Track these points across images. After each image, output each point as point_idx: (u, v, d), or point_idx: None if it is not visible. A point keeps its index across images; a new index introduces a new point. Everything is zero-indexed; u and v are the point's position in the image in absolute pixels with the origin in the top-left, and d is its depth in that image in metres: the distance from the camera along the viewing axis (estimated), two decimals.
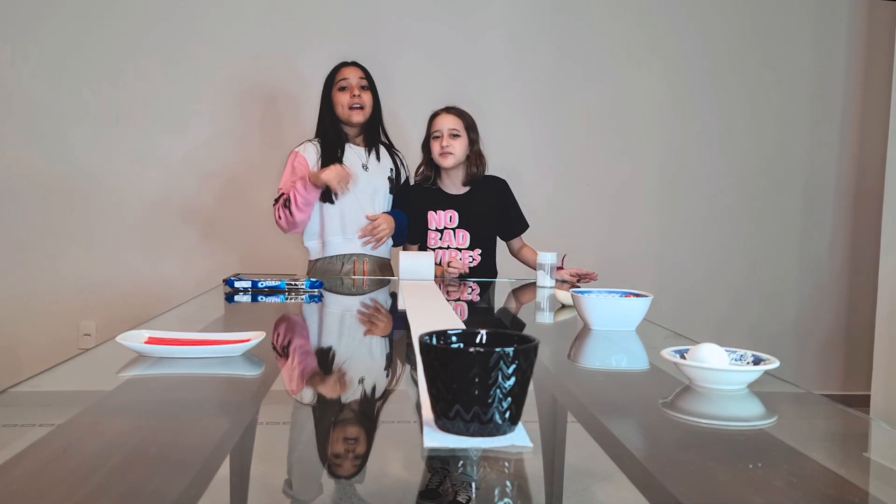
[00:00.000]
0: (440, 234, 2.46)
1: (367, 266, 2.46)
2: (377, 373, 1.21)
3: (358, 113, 2.41)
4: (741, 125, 3.59)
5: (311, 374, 1.18)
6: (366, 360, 1.31)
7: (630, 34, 3.51)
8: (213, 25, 3.28)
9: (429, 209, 2.47)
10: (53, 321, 3.24)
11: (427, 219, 2.47)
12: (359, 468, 0.78)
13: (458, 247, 2.46)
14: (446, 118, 2.43)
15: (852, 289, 3.68)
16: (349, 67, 2.45)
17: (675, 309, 3.44)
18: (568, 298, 1.74)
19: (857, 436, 0.97)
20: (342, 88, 2.41)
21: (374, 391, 1.08)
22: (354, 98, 2.39)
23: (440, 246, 2.47)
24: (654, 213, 3.58)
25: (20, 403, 0.94)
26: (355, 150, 2.47)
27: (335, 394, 1.05)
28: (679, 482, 0.70)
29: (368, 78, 2.46)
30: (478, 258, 2.47)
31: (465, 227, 2.46)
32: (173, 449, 0.76)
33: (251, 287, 1.97)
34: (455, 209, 2.46)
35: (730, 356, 1.03)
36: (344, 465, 0.79)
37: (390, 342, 1.48)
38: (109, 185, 3.26)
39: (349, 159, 2.43)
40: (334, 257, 2.46)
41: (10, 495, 0.62)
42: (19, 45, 3.20)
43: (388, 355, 1.38)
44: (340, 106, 2.41)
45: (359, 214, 2.43)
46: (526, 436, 0.76)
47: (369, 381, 1.13)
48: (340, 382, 1.11)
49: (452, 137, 2.40)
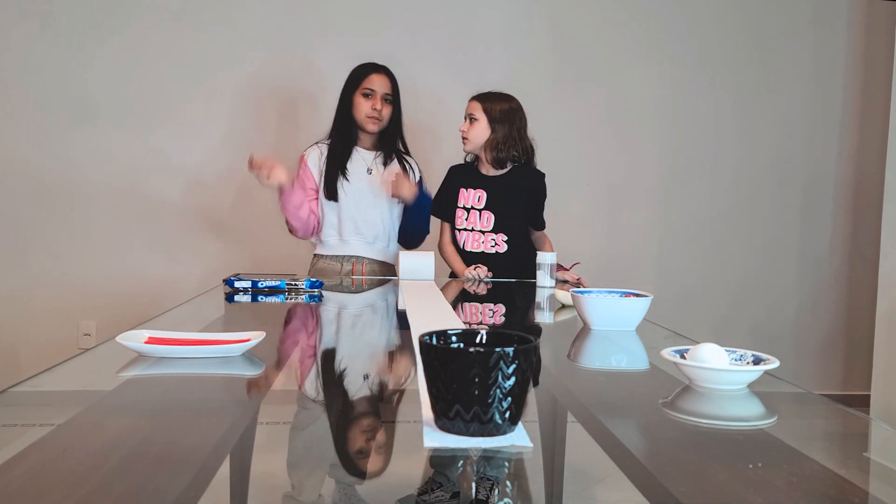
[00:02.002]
0: (466, 214, 2.47)
1: (367, 268, 2.46)
2: (380, 371, 1.21)
3: (375, 123, 2.40)
4: (741, 125, 3.59)
5: (313, 374, 1.18)
6: (366, 359, 1.31)
7: (628, 35, 3.51)
8: (222, 24, 3.28)
9: (461, 186, 2.49)
10: (53, 321, 3.24)
11: (458, 195, 2.49)
12: (385, 463, 0.79)
13: (482, 229, 2.45)
14: (468, 104, 2.47)
15: (852, 289, 3.68)
16: (378, 75, 2.41)
17: (674, 309, 3.43)
18: (568, 298, 1.74)
19: (857, 436, 0.97)
20: (366, 95, 2.39)
21: (380, 389, 1.08)
22: (375, 110, 2.39)
23: (465, 227, 2.47)
24: (653, 213, 3.58)
25: (20, 403, 0.94)
26: (362, 153, 2.46)
27: (341, 393, 1.05)
28: (679, 482, 0.70)
29: (395, 89, 2.43)
30: (502, 244, 2.44)
31: (490, 209, 2.45)
32: (173, 449, 0.76)
33: (251, 287, 1.97)
34: (484, 189, 2.46)
35: (730, 356, 1.03)
36: (365, 461, 0.79)
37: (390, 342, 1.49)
38: (109, 184, 3.26)
39: (355, 163, 2.43)
40: (333, 257, 2.46)
41: (10, 495, 0.62)
42: (21, 45, 3.20)
43: (391, 354, 1.38)
44: (358, 110, 2.40)
45: (357, 218, 2.42)
46: (526, 436, 0.76)
47: (373, 380, 1.13)
48: (343, 380, 1.11)
49: (470, 122, 2.43)
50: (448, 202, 2.52)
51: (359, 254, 2.44)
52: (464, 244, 2.46)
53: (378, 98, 2.39)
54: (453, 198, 2.50)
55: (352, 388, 1.09)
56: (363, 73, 2.41)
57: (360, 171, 2.43)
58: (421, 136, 3.03)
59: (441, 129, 3.33)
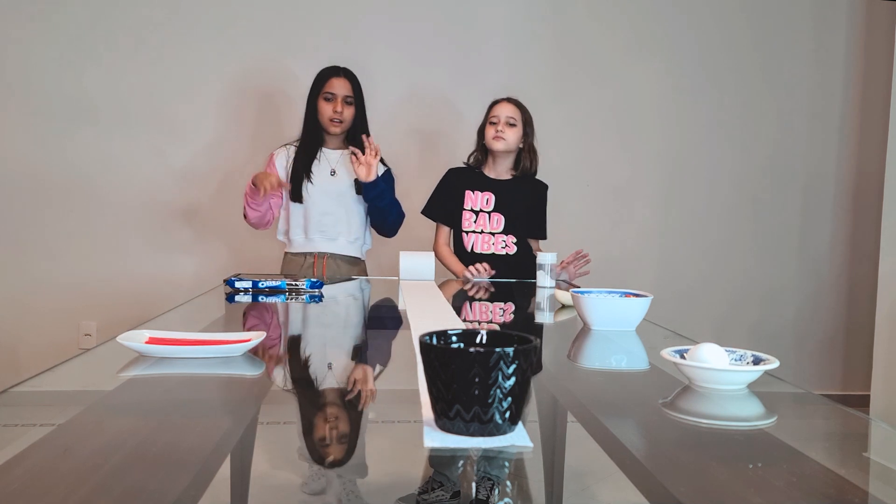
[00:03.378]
0: (475, 217, 2.49)
1: (329, 262, 2.52)
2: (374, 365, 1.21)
3: (337, 126, 2.48)
4: (740, 125, 3.59)
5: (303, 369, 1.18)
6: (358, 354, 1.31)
7: (629, 34, 3.51)
8: (212, 26, 3.28)
9: (466, 188, 2.51)
10: (53, 321, 3.24)
11: (464, 198, 2.50)
12: (346, 453, 0.79)
13: (492, 231, 2.48)
14: (506, 106, 2.48)
15: (852, 289, 3.68)
16: (338, 79, 2.48)
17: (674, 309, 3.43)
18: (568, 298, 1.74)
19: (857, 436, 0.97)
20: (327, 99, 2.47)
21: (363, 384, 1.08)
22: (336, 113, 2.46)
23: (473, 229, 2.48)
24: (653, 213, 3.58)
25: (20, 403, 0.94)
26: (328, 154, 2.54)
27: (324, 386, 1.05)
28: (679, 482, 0.71)
29: (356, 91, 2.50)
30: (512, 246, 2.48)
31: (500, 211, 2.48)
32: (173, 449, 0.76)
33: (251, 287, 1.97)
34: (493, 192, 2.49)
35: (729, 356, 1.03)
36: (330, 449, 0.79)
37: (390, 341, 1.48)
38: (109, 184, 3.26)
39: (321, 164, 2.51)
40: (298, 254, 2.55)
41: (10, 495, 0.62)
42: (20, 45, 3.20)
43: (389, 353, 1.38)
44: (321, 114, 2.49)
45: (320, 218, 2.49)
46: (526, 436, 0.76)
47: (342, 373, 1.13)
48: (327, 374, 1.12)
49: (508, 126, 2.45)
50: (445, 204, 2.52)
51: (321, 250, 2.52)
52: (472, 246, 2.47)
53: (339, 101, 2.46)
54: (453, 200, 2.51)
55: (333, 378, 1.09)
56: (323, 77, 2.50)
57: (324, 173, 2.51)
58: (422, 137, 3.03)
59: (441, 131, 3.33)
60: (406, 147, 3.21)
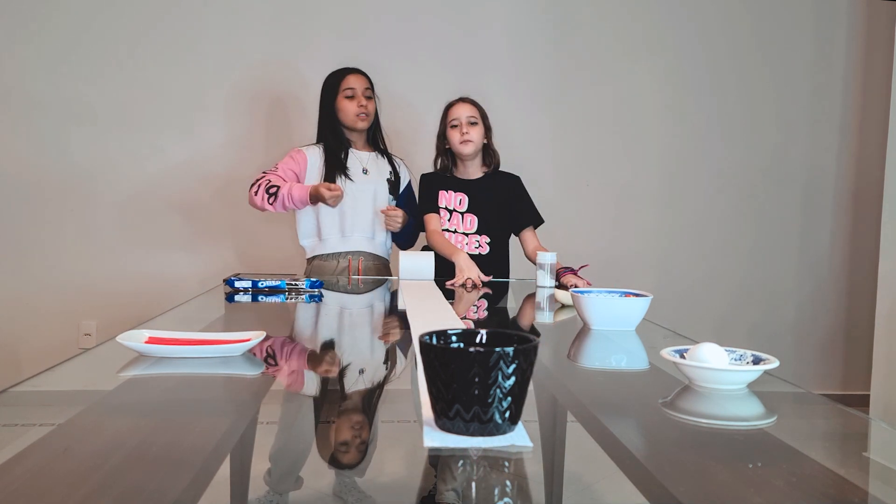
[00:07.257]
0: (449, 216, 2.48)
1: (364, 264, 2.49)
2: (377, 370, 1.21)
3: (364, 119, 2.48)
4: (741, 125, 3.59)
5: (311, 369, 1.18)
6: (366, 358, 1.31)
7: (629, 34, 3.51)
8: (217, 26, 3.28)
9: (440, 188, 2.51)
10: (53, 321, 3.24)
11: (437, 197, 2.50)
12: (362, 457, 0.79)
13: (466, 231, 2.47)
14: (463, 107, 2.46)
15: (852, 289, 3.68)
16: (355, 76, 2.50)
17: (674, 309, 3.44)
18: (568, 298, 1.74)
19: (857, 436, 0.97)
20: (349, 97, 2.47)
21: (375, 387, 1.08)
22: (361, 107, 2.46)
23: (447, 228, 2.48)
24: (653, 212, 3.58)
25: (20, 403, 0.94)
26: (357, 154, 2.54)
27: (335, 387, 1.05)
28: (679, 482, 0.71)
29: (372, 87, 2.53)
30: (486, 246, 2.47)
31: (473, 212, 2.48)
32: (173, 449, 0.76)
33: (251, 287, 1.97)
34: (465, 192, 2.49)
35: (729, 356, 1.03)
36: (350, 454, 0.79)
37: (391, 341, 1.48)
38: (109, 184, 3.26)
39: (351, 164, 2.50)
40: (330, 255, 2.50)
41: (10, 495, 0.62)
42: (20, 44, 3.20)
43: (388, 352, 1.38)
44: (345, 113, 2.48)
45: (357, 215, 2.47)
46: (526, 435, 0.76)
47: (368, 377, 1.13)
48: (338, 375, 1.12)
49: (471, 125, 2.44)
50: (431, 202, 2.51)
51: (360, 248, 2.50)
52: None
53: (360, 95, 2.47)
54: (433, 198, 2.51)
55: (352, 381, 1.09)
56: (339, 76, 2.51)
57: (357, 172, 2.50)
58: (421, 138, 3.03)
59: None
60: (408, 146, 3.21)
